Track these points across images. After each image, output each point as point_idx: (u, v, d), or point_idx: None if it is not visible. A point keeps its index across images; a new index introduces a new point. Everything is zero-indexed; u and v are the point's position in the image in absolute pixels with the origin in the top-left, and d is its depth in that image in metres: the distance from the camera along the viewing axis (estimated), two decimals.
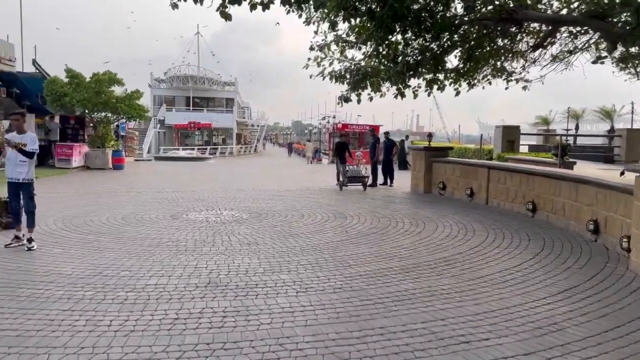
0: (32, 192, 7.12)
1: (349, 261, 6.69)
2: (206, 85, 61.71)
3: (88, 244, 7.35)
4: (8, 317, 4.33)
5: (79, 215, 9.89)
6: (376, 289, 5.48)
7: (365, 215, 10.56)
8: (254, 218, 10.03)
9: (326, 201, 12.85)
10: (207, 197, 13.24)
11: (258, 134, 75.05)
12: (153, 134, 51.08)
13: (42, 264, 6.17)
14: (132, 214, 10.13)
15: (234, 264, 6.43)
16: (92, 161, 21.66)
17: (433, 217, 10.56)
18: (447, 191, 14.38)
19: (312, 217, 10.31)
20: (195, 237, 8.06)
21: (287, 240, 8.00)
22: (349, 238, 8.25)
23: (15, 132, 7.14)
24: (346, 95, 15.68)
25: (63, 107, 20.34)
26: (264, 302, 4.97)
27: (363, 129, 37.43)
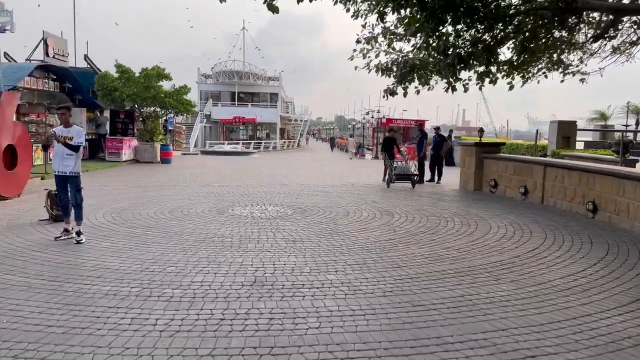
0: (79, 185, 7.19)
1: (399, 262, 6.40)
2: (251, 80, 62.31)
3: (135, 238, 7.36)
4: (55, 312, 4.30)
5: (128, 208, 10.00)
6: (429, 293, 5.18)
7: (413, 214, 10.21)
8: (298, 214, 9.86)
9: (371, 198, 12.55)
10: (252, 192, 13.19)
11: (301, 129, 75.20)
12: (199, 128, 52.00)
13: (90, 258, 6.18)
14: (179, 208, 10.16)
15: (279, 262, 6.26)
16: (141, 155, 22.12)
17: (485, 216, 10.10)
18: (499, 189, 13.79)
19: (357, 214, 10.05)
20: (241, 232, 7.96)
21: (333, 238, 7.78)
22: (397, 237, 7.95)
23: (62, 125, 7.21)
24: (392, 88, 15.26)
25: (113, 101, 20.83)
26: (312, 304, 4.76)
27: (408, 124, 36.74)
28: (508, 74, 14.21)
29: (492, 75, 14.07)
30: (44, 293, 4.82)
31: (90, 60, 22.62)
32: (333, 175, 18.87)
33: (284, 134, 69.88)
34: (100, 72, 21.04)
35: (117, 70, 21.42)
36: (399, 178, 14.97)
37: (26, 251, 6.40)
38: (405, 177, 15.10)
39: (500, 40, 13.33)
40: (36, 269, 5.63)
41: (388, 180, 15.20)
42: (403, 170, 15.37)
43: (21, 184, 10.80)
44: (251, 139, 58.87)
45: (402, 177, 15.05)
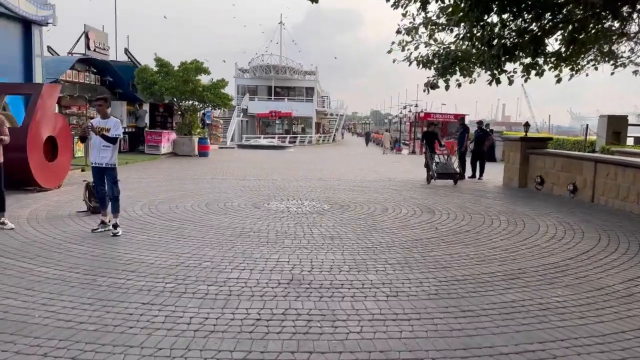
0: (115, 177, 7.13)
1: (443, 262, 6.05)
2: (287, 74, 62.36)
3: (172, 232, 7.27)
4: (87, 308, 4.18)
5: (165, 201, 9.97)
6: (478, 297, 4.83)
7: (455, 211, 9.79)
8: (335, 210, 9.60)
9: (410, 194, 12.17)
10: (288, 186, 13.01)
11: (337, 123, 74.86)
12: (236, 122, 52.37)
13: (126, 252, 6.10)
14: (215, 201, 10.07)
15: (317, 259, 6.02)
16: (179, 148, 22.31)
17: (532, 215, 9.59)
18: (546, 186, 13.17)
19: (396, 210, 9.71)
20: (277, 227, 7.76)
21: (372, 235, 7.48)
22: (439, 236, 7.58)
23: (99, 117, 7.16)
24: (433, 81, 14.76)
25: (152, 95, 21.05)
26: (352, 305, 4.49)
27: (447, 118, 35.89)
28: (555, 66, 13.55)
29: (539, 67, 13.44)
30: (77, 287, 4.72)
31: (130, 53, 22.94)
32: (370, 170, 18.52)
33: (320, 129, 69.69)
34: (140, 66, 21.28)
35: (157, 64, 21.62)
36: (441, 176, 14.33)
37: (63, 243, 6.37)
38: (447, 176, 14.49)
39: (548, 31, 12.68)
40: (71, 261, 5.57)
41: (429, 177, 14.60)
42: (445, 169, 14.68)
43: (61, 176, 10.94)
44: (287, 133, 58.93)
45: (444, 175, 14.43)
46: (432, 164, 14.54)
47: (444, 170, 14.52)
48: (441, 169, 14.54)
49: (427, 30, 14.10)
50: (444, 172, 14.49)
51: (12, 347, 3.43)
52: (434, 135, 15.91)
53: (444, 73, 14.47)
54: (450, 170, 14.67)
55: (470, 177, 16.07)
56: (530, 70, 13.30)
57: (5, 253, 5.82)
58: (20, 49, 13.30)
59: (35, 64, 13.70)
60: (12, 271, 5.15)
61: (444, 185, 13.92)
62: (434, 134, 16.03)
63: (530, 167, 13.97)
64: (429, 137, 15.74)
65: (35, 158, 10.01)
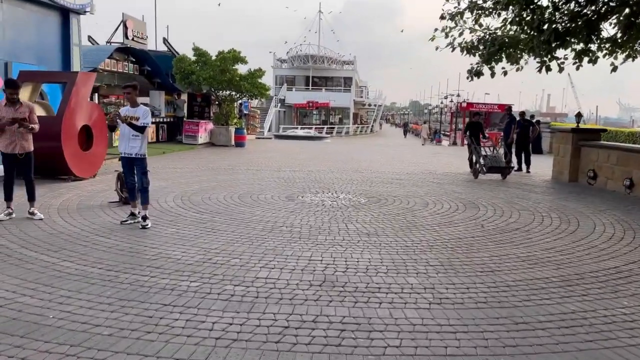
0: (145, 167, 6.89)
1: (491, 265, 5.53)
2: (325, 64, 61.84)
3: (202, 225, 6.99)
4: (105, 309, 3.91)
5: (198, 192, 9.75)
6: (533, 307, 4.30)
7: (502, 207, 9.17)
8: (372, 203, 9.14)
9: (452, 187, 11.56)
10: (323, 178, 12.62)
11: (375, 114, 73.94)
12: (274, 112, 52.35)
13: (153, 245, 5.84)
14: (249, 193, 9.78)
15: (352, 258, 5.60)
16: (216, 138, 22.23)
17: (586, 212, 8.87)
18: (599, 181, 12.29)
19: (438, 205, 9.16)
20: (310, 222, 7.38)
21: (412, 232, 7.00)
22: (485, 234, 7.02)
23: (128, 105, 6.92)
24: (477, 68, 14.03)
25: (190, 84, 20.99)
26: (390, 313, 4.06)
27: (490, 108, 34.62)
28: (610, 52, 12.61)
29: (592, 53, 12.56)
30: (98, 284, 4.47)
31: (169, 43, 22.96)
32: (409, 162, 17.91)
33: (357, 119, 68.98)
34: (178, 55, 21.24)
35: (195, 53, 21.53)
36: (490, 170, 13.24)
37: (90, 235, 6.18)
38: (496, 170, 13.37)
39: (604, 15, 11.76)
40: (96, 255, 5.34)
41: (475, 171, 13.65)
42: (494, 162, 13.47)
43: (96, 165, 10.88)
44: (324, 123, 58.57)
45: (493, 169, 13.32)
46: (478, 157, 13.60)
47: (494, 164, 13.39)
48: (491, 162, 13.43)
49: (473, 15, 13.38)
50: (494, 165, 13.37)
51: (19, 353, 3.17)
52: (478, 127, 14.84)
53: (489, 60, 13.71)
54: (500, 163, 13.57)
55: (516, 170, 15.26)
56: (583, 57, 12.42)
57: (30, 245, 5.66)
58: (58, 38, 13.35)
59: (73, 53, 13.73)
60: (33, 265, 4.96)
61: (489, 179, 13.21)
62: (478, 125, 14.96)
63: (582, 160, 13.09)
64: (473, 129, 14.76)
65: (70, 147, 9.96)
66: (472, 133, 14.61)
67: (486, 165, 13.25)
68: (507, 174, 13.44)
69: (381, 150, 24.69)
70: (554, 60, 12.46)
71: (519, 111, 17.14)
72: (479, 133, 14.61)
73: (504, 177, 13.35)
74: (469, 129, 15.03)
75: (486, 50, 13.33)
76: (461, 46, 13.74)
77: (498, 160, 13.65)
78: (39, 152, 9.32)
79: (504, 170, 13.41)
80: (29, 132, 6.97)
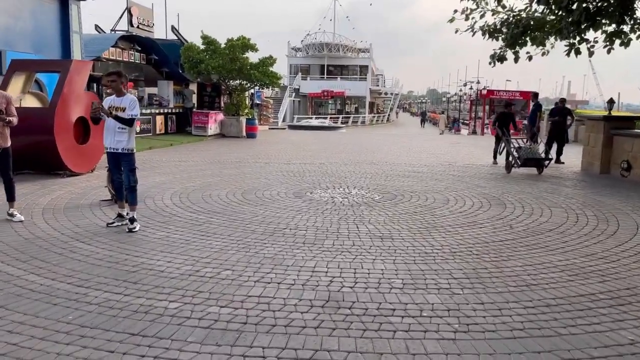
0: (133, 164, 6.21)
1: (525, 277, 4.73)
2: (340, 52, 60.74)
3: (196, 227, 6.30)
4: (60, 339, 3.22)
5: (199, 188, 9.07)
6: (581, 336, 3.51)
7: (531, 204, 8.31)
8: (387, 200, 8.37)
9: (474, 181, 10.71)
10: (336, 171, 11.85)
11: (391, 103, 72.67)
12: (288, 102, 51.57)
13: (136, 253, 5.16)
14: (254, 189, 9.07)
15: (362, 269, 4.85)
16: (226, 129, 21.58)
17: (625, 209, 7.99)
18: (633, 173, 11.34)
19: (459, 202, 8.35)
20: (318, 224, 6.64)
21: (431, 235, 6.22)
22: (515, 237, 6.21)
23: (114, 95, 6.23)
24: (501, 53, 13.10)
25: (199, 74, 20.33)
26: (406, 347, 3.30)
27: (512, 95, 33.37)
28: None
29: (624, 35, 11.57)
30: (60, 305, 3.80)
31: (177, 31, 22.27)
32: (427, 153, 17.02)
33: (374, 108, 67.85)
34: (186, 44, 20.56)
35: (203, 41, 20.83)
36: (526, 163, 12.03)
37: (69, 241, 5.52)
38: (533, 163, 12.15)
39: None
40: (69, 267, 4.67)
41: (509, 165, 12.38)
42: (530, 154, 12.20)
43: (94, 159, 10.26)
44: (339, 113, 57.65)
45: (530, 162, 12.08)
46: (511, 149, 12.37)
47: (529, 156, 12.11)
48: (526, 153, 12.16)
49: None
50: (531, 157, 12.10)
51: None
52: (509, 117, 13.64)
53: (513, 44, 12.75)
54: (537, 155, 12.27)
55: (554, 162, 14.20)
56: (615, 40, 11.43)
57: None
58: (57, 26, 12.75)
59: (73, 41, 13.13)
60: None
61: (518, 172, 12.27)
62: (510, 116, 13.74)
63: (614, 150, 12.12)
64: (504, 119, 13.55)
65: (64, 140, 9.35)
66: (502, 124, 13.43)
67: (521, 157, 12.02)
68: (545, 167, 12.23)
69: (398, 141, 23.77)
70: (584, 43, 11.52)
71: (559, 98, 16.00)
72: (509, 124, 13.49)
73: (540, 171, 12.13)
74: (499, 119, 13.78)
75: (510, 33, 12.39)
76: (483, 29, 12.83)
77: (534, 152, 12.37)
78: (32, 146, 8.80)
79: (540, 163, 12.19)
80: (6, 126, 6.32)
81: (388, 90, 71.33)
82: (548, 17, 12.33)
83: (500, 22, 12.95)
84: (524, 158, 11.99)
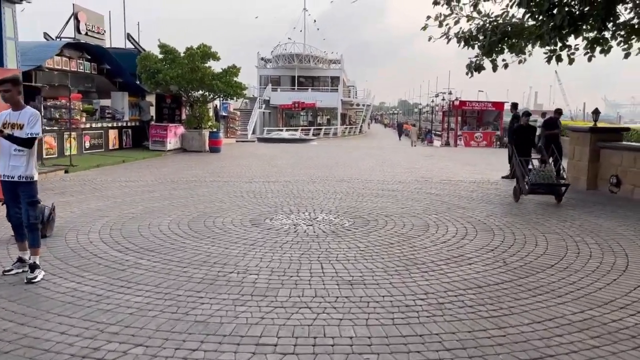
0: (33, 195, 4.87)
1: (536, 343, 3.59)
2: (311, 63, 59.85)
3: (118, 274, 5.00)
4: None
5: (139, 216, 7.75)
6: None
7: (521, 229, 7.27)
8: (359, 227, 7.20)
9: (455, 201, 9.65)
10: (302, 190, 10.65)
11: (364, 114, 72.12)
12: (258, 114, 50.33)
13: (23, 319, 3.84)
14: (204, 216, 7.79)
15: (324, 337, 3.65)
16: (188, 143, 20.18)
17: (627, 234, 7.05)
18: (623, 188, 10.50)
19: (441, 228, 7.25)
20: (273, 263, 5.41)
21: (411, 276, 5.07)
22: (513, 277, 5.10)
23: (10, 109, 4.89)
24: (477, 62, 12.25)
25: (157, 85, 18.91)
26: None
27: (484, 106, 32.92)
28: (625, 40, 10.92)
29: (605, 42, 10.89)
30: None
31: (133, 39, 20.82)
32: (401, 167, 15.97)
33: (346, 120, 67.08)
34: (143, 53, 19.15)
35: (161, 50, 19.47)
36: (536, 189, 9.47)
37: None
38: (547, 188, 9.56)
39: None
40: None
41: (517, 191, 9.77)
42: (543, 177, 9.53)
43: None
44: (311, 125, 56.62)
45: (542, 187, 9.50)
46: (523, 172, 9.72)
47: (541, 180, 9.44)
48: (537, 177, 9.50)
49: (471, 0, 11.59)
50: (542, 182, 9.45)
51: None
52: (529, 133, 10.77)
53: (490, 51, 11.90)
54: (550, 179, 9.57)
55: None
56: (595, 47, 10.71)
57: None
58: None
59: (6, 48, 11.64)
60: None
61: (495, 190, 11.28)
62: (530, 131, 10.85)
63: (601, 164, 11.28)
64: (523, 134, 10.68)
65: None
66: (520, 141, 10.56)
67: (529, 181, 9.42)
68: (563, 194, 9.60)
69: (370, 153, 22.74)
70: (565, 50, 10.74)
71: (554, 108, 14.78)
72: (529, 141, 10.73)
73: (559, 199, 9.51)
74: (517, 134, 10.87)
75: (487, 39, 11.53)
76: (458, 36, 11.95)
77: (547, 175, 9.64)
78: None
79: (556, 189, 9.58)
80: None
81: (360, 101, 70.73)
82: (528, 23, 11.56)
83: (477, 29, 12.11)
84: (531, 182, 9.40)
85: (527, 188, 9.47)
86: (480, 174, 14.47)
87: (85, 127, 16.08)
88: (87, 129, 16.22)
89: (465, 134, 32.17)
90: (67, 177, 12.02)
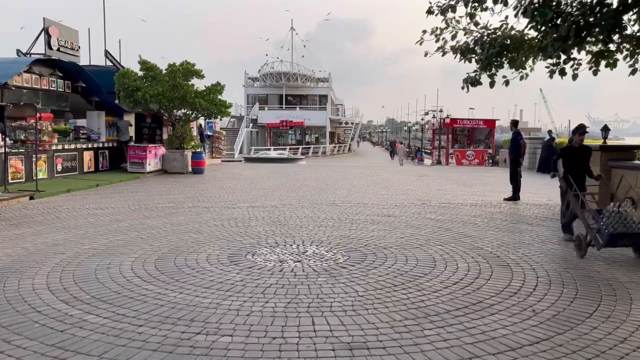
0: None
1: None
2: (299, 82, 59.38)
3: (54, 337, 3.95)
4: None
5: (99, 253, 6.68)
6: None
7: (542, 264, 6.32)
8: (355, 264, 6.20)
9: (459, 228, 8.71)
10: (290, 216, 9.64)
11: (352, 132, 71.59)
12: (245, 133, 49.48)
13: None
14: (174, 252, 6.75)
15: None
16: (169, 164, 19.11)
17: None
18: None
19: (450, 264, 6.27)
20: (252, 319, 4.38)
21: (425, 334, 4.08)
22: (549, 332, 4.12)
23: None
24: (474, 77, 11.51)
25: (137, 103, 17.91)
26: None
27: (475, 124, 32.30)
28: (632, 54, 10.26)
29: (611, 55, 10.23)
30: None
31: (111, 56, 19.87)
32: (395, 189, 15.02)
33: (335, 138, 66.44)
34: (121, 70, 18.17)
35: (142, 67, 18.51)
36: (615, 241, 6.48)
37: None
38: (630, 238, 6.54)
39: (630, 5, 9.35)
40: None
41: (580, 244, 6.79)
42: (624, 225, 6.42)
43: None
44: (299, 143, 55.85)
45: (624, 237, 6.48)
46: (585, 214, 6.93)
47: (622, 229, 6.41)
48: (617, 223, 6.44)
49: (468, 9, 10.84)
50: (624, 231, 6.41)
51: None
52: (583, 158, 8.08)
53: (488, 65, 11.17)
54: (633, 226, 6.45)
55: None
56: (600, 60, 10.03)
57: None
58: None
59: None
60: None
61: (499, 212, 10.35)
62: (584, 154, 8.12)
63: (613, 186, 10.41)
64: (575, 158, 7.99)
65: None
66: (571, 168, 7.82)
67: (606, 232, 6.36)
68: None
69: (361, 173, 21.78)
70: (570, 63, 10.02)
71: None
72: (583, 169, 8.00)
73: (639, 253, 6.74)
74: (565, 157, 8.09)
75: (485, 52, 10.79)
76: (454, 49, 11.20)
77: (627, 219, 6.51)
78: None
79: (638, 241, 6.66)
80: None
81: (348, 119, 70.26)
82: (527, 36, 10.89)
83: (474, 42, 11.38)
84: (610, 232, 6.34)
85: (603, 240, 6.43)
86: (479, 195, 13.57)
87: (57, 148, 14.98)
88: (59, 150, 15.11)
89: (457, 152, 31.48)
90: (30, 205, 10.90)
